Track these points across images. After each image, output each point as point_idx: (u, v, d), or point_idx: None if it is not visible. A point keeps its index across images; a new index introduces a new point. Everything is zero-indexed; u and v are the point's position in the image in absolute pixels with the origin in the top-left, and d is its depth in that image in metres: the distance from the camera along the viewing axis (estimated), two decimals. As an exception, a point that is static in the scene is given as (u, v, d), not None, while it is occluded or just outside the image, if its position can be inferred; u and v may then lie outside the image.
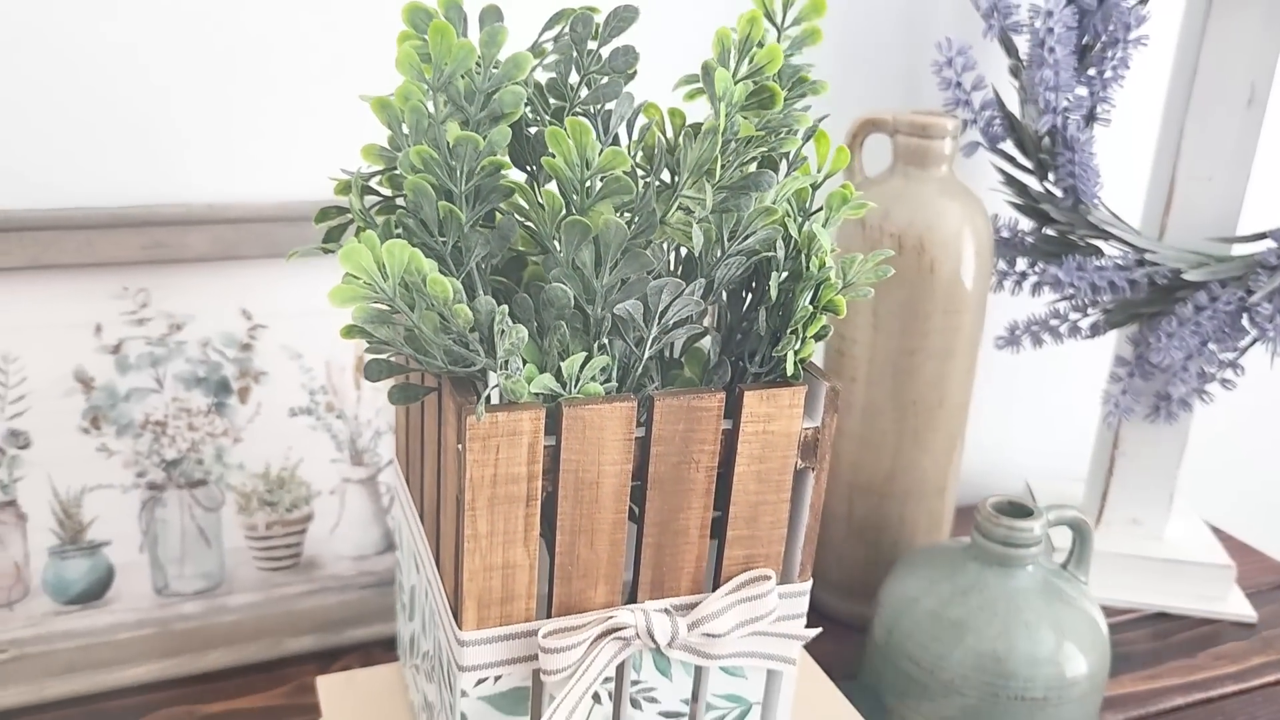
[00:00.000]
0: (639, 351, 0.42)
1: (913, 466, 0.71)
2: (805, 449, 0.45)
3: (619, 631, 0.44)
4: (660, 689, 0.47)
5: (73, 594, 0.64)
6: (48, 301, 0.60)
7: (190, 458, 0.65)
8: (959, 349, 0.69)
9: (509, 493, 0.41)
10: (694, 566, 0.45)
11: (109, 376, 0.63)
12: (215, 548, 0.67)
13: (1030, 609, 0.60)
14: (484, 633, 0.43)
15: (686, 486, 0.44)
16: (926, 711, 0.61)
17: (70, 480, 0.63)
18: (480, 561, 0.42)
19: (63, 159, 0.61)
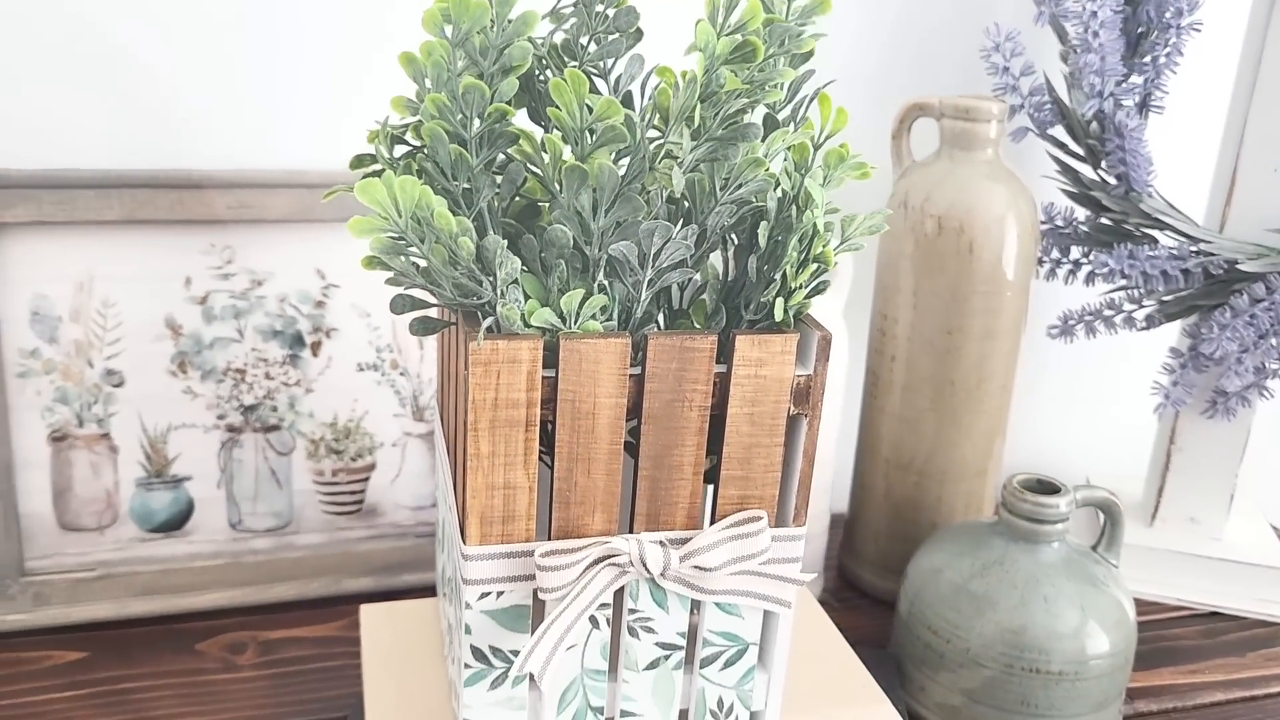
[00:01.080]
0: (636, 293, 0.45)
1: (951, 447, 0.72)
2: (798, 395, 0.47)
3: (614, 558, 0.47)
4: (657, 620, 0.50)
5: (156, 523, 0.71)
6: (143, 254, 0.67)
7: (266, 404, 0.71)
8: (1000, 331, 0.70)
9: (509, 417, 0.44)
10: (688, 503, 0.48)
11: (195, 325, 0.69)
12: (285, 489, 0.73)
13: (1051, 584, 0.61)
14: (486, 549, 0.46)
15: (680, 424, 0.46)
16: (945, 681, 0.62)
17: (158, 418, 0.69)
18: (482, 480, 0.45)
19: (158, 124, 0.67)
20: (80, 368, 0.67)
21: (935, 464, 0.73)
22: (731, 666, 0.52)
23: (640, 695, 0.51)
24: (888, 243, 0.71)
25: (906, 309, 0.71)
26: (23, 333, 0.66)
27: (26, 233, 0.65)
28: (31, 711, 0.61)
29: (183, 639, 0.68)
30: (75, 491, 0.69)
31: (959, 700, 0.62)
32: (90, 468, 0.69)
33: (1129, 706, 0.67)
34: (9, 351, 0.66)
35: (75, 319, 0.67)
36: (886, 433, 0.74)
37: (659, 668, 0.51)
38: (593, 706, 0.50)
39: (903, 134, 0.72)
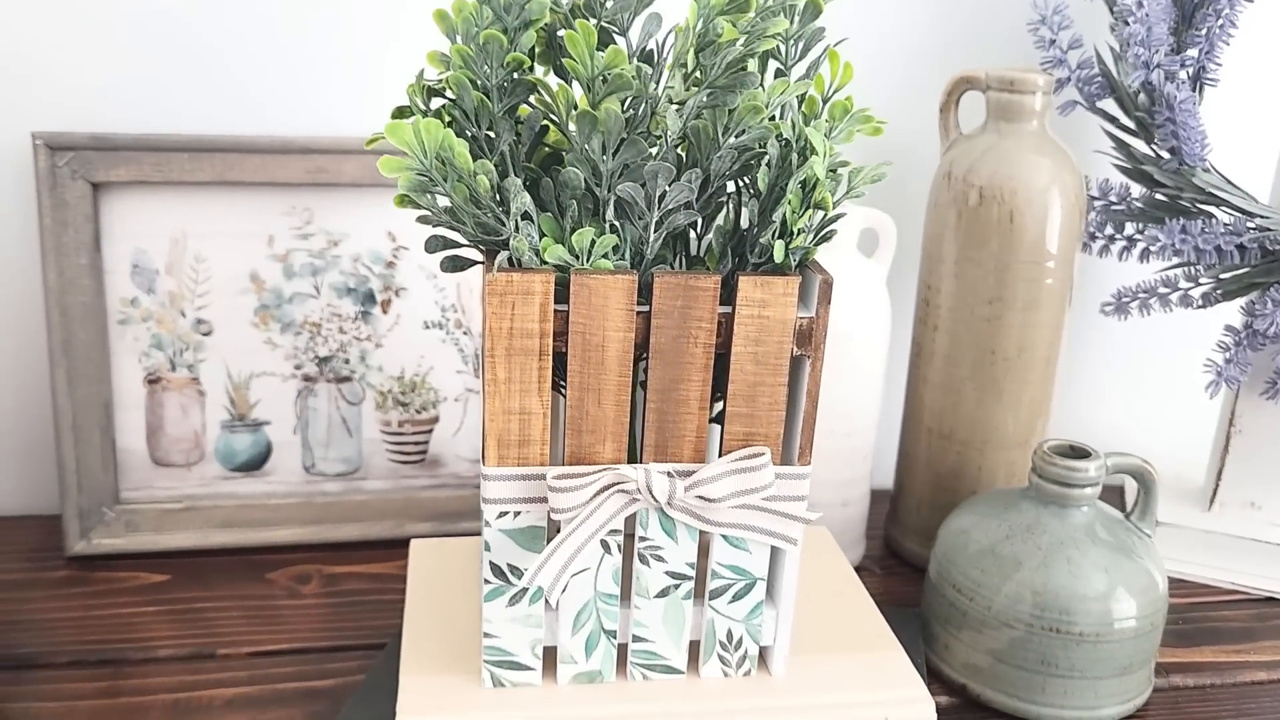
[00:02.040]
0: (646, 235, 0.48)
1: (992, 417, 0.73)
2: (800, 337, 0.50)
3: (622, 485, 0.50)
4: (666, 549, 0.53)
5: (238, 463, 0.77)
6: (230, 214, 0.73)
7: (339, 357, 0.76)
8: (1042, 302, 0.71)
9: (524, 346, 0.48)
10: (695, 437, 0.51)
11: (276, 281, 0.75)
12: (355, 437, 0.78)
13: (1076, 547, 0.62)
14: (503, 470, 0.50)
15: (686, 360, 0.49)
16: (968, 640, 0.63)
17: (241, 366, 0.75)
18: (500, 405, 0.49)
19: (244, 95, 0.74)
20: (174, 317, 0.74)
21: (976, 434, 0.74)
22: (740, 600, 0.54)
23: (651, 622, 0.54)
24: (933, 214, 0.73)
25: (949, 279, 0.72)
26: (124, 283, 0.73)
27: (128, 191, 0.71)
28: (120, 622, 0.67)
29: (255, 569, 0.74)
30: (166, 431, 0.75)
31: (981, 659, 0.63)
32: (180, 409, 0.75)
33: (1163, 679, 0.67)
34: (112, 300, 0.73)
35: (170, 272, 0.73)
36: (929, 402, 0.75)
37: (669, 596, 0.53)
38: (606, 630, 0.54)
39: (950, 107, 0.74)
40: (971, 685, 0.64)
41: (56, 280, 0.70)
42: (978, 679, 0.63)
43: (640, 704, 0.54)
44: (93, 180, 0.70)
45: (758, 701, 0.54)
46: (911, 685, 0.56)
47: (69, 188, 0.70)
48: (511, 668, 0.54)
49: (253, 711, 0.60)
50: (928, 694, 0.56)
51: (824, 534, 0.70)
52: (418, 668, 0.55)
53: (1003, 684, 0.62)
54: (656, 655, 0.55)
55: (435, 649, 0.57)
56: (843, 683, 0.56)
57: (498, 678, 0.54)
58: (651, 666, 0.55)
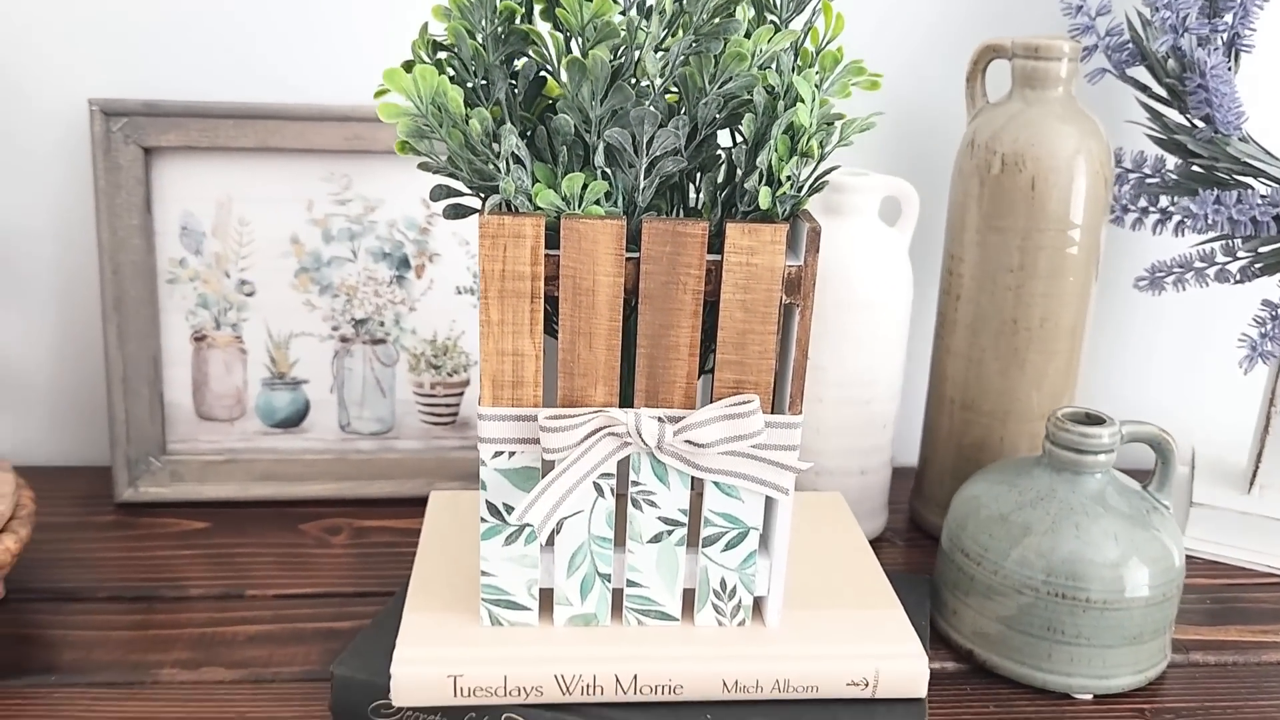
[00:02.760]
0: (636, 182, 0.49)
1: (1014, 388, 0.72)
2: (789, 285, 0.51)
3: (613, 428, 0.51)
4: (659, 494, 0.54)
5: (277, 419, 0.80)
6: (273, 179, 0.76)
7: (374, 319, 0.79)
8: (1065, 271, 0.70)
9: (516, 288, 0.50)
10: (685, 383, 0.52)
11: (315, 245, 0.78)
12: (389, 398, 0.81)
13: (1085, 513, 0.61)
14: (498, 410, 0.52)
15: (676, 306, 0.50)
16: (975, 605, 0.63)
17: (281, 326, 0.79)
18: (494, 345, 0.51)
19: (287, 63, 0.77)
20: (218, 277, 0.77)
21: (999, 405, 0.73)
22: (733, 549, 0.55)
23: (645, 567, 0.55)
24: (957, 183, 0.73)
25: (972, 248, 0.72)
26: (173, 244, 0.77)
27: (177, 156, 0.75)
28: (158, 564, 0.71)
29: (289, 520, 0.77)
30: (211, 387, 0.79)
31: (989, 625, 0.62)
32: (224, 366, 0.79)
33: (1183, 655, 0.65)
34: (161, 260, 0.77)
35: (216, 234, 0.77)
36: (952, 373, 0.75)
37: (662, 542, 0.55)
38: (600, 573, 0.55)
39: (976, 76, 0.73)
40: (979, 651, 0.63)
41: (109, 240, 0.74)
42: (985, 645, 0.63)
43: (634, 647, 0.55)
44: (144, 145, 0.74)
45: (750, 649, 0.55)
46: (906, 641, 0.56)
47: (122, 152, 0.74)
48: (509, 607, 0.55)
49: (272, 647, 0.63)
50: (922, 650, 0.56)
51: (837, 498, 0.71)
52: (422, 605, 0.57)
53: (1009, 650, 0.62)
54: (651, 601, 0.56)
55: (441, 590, 0.59)
56: (836, 635, 0.56)
57: (495, 616, 0.56)
58: (646, 612, 0.56)
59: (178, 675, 0.60)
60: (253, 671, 0.61)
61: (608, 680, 0.53)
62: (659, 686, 0.54)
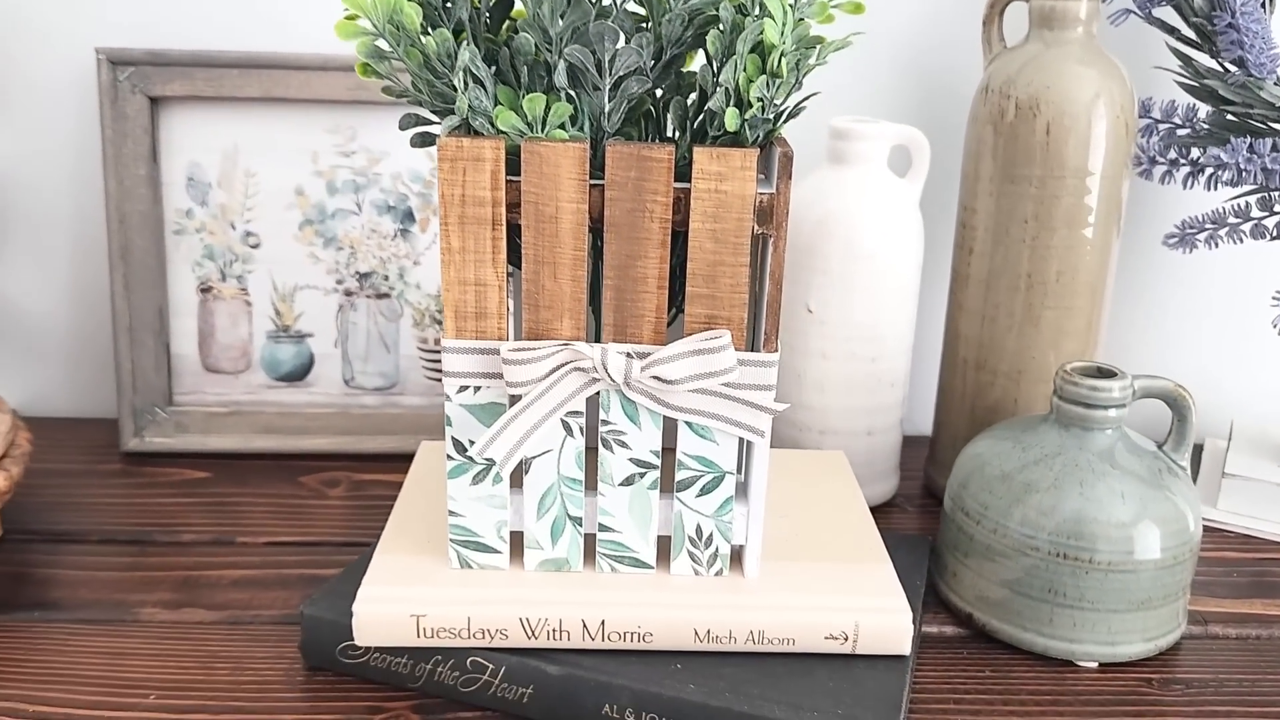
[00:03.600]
0: (600, 104, 0.48)
1: (1029, 346, 0.69)
2: (761, 214, 0.48)
3: (579, 362, 0.50)
4: (630, 435, 0.52)
5: (282, 372, 0.80)
6: (278, 130, 0.76)
7: (378, 273, 0.79)
8: (1082, 222, 0.66)
9: (476, 214, 0.48)
10: (654, 317, 0.50)
11: (320, 197, 0.77)
12: (393, 353, 0.80)
13: (1091, 470, 0.58)
14: (461, 343, 0.50)
15: (642, 235, 0.49)
16: (974, 566, 0.60)
17: (286, 279, 0.78)
18: (455, 274, 0.49)
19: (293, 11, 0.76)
20: (224, 229, 0.77)
21: (1013, 364, 0.70)
22: (708, 494, 0.53)
23: (617, 510, 0.53)
24: (971, 131, 0.70)
25: (986, 198, 0.69)
26: (180, 195, 0.77)
27: (183, 106, 0.75)
28: (155, 510, 0.71)
29: (290, 472, 0.76)
30: (217, 339, 0.79)
31: (989, 588, 0.59)
32: (230, 318, 0.79)
33: (1200, 627, 0.62)
34: (168, 211, 0.77)
35: (222, 185, 0.77)
36: (965, 331, 0.72)
37: (634, 485, 0.53)
38: (571, 515, 0.53)
39: (994, 19, 0.70)
40: (978, 615, 0.60)
41: (116, 189, 0.75)
42: (985, 608, 0.60)
43: (606, 593, 0.53)
44: (150, 94, 0.74)
45: (725, 599, 0.53)
46: (889, 594, 0.54)
47: (129, 101, 0.74)
48: (478, 549, 0.54)
49: (254, 590, 0.62)
50: (906, 604, 0.53)
51: (839, 457, 0.68)
52: (394, 548, 0.56)
53: (1010, 614, 0.59)
54: (624, 547, 0.54)
55: (417, 533, 0.58)
56: (816, 587, 0.54)
57: (464, 558, 0.54)
58: (620, 559, 0.54)
59: (158, 614, 0.60)
60: (232, 614, 0.60)
61: (574, 625, 0.52)
62: (628, 633, 0.52)
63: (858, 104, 0.77)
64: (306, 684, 0.54)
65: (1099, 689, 0.56)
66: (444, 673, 0.53)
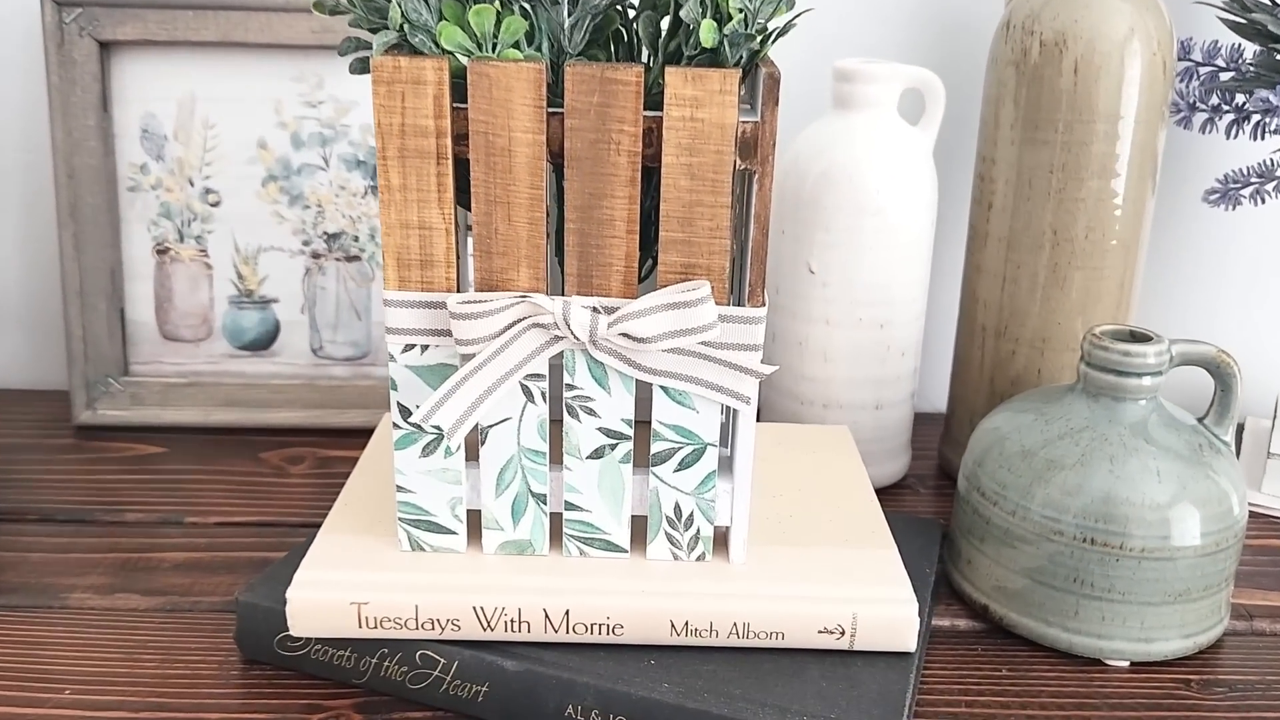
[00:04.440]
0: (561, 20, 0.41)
1: (1054, 311, 0.63)
2: (744, 146, 0.42)
3: (538, 318, 0.44)
4: (599, 402, 0.46)
5: (245, 341, 0.74)
6: (239, 77, 0.70)
7: (348, 234, 0.73)
8: (1114, 173, 0.60)
9: (419, 146, 0.42)
10: (623, 266, 0.44)
11: (284, 150, 0.72)
12: (365, 321, 0.74)
13: (1122, 445, 0.51)
14: (405, 295, 0.45)
15: (608, 171, 0.43)
16: (995, 554, 0.54)
17: (249, 239, 0.73)
18: (396, 217, 0.43)
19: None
20: (182, 185, 0.72)
21: (1036, 330, 0.63)
22: (688, 469, 0.47)
23: (586, 487, 0.47)
24: (991, 74, 0.63)
25: (1006, 147, 0.62)
26: (133, 148, 0.71)
27: (135, 52, 0.70)
28: (102, 487, 0.66)
29: (251, 448, 0.71)
30: (175, 304, 0.73)
31: (1008, 577, 0.53)
32: (189, 281, 0.73)
33: (1245, 622, 0.55)
34: (122, 165, 0.71)
35: (179, 138, 0.71)
36: (984, 295, 0.65)
37: (604, 458, 0.47)
38: (534, 493, 0.48)
39: (1017, -50, 0.63)
40: (995, 607, 0.54)
41: (64, 140, 0.69)
42: (1002, 600, 0.54)
43: (569, 578, 0.47)
44: (100, 38, 0.68)
45: (704, 586, 0.47)
46: (893, 583, 0.48)
47: (76, 45, 0.68)
48: (431, 529, 0.48)
49: (196, 574, 0.57)
50: (911, 594, 0.47)
51: (842, 432, 0.62)
52: (339, 527, 0.51)
53: (1031, 606, 0.53)
54: (594, 528, 0.48)
55: (367, 511, 0.52)
56: (810, 574, 0.48)
57: (415, 540, 0.49)
58: (589, 541, 0.48)
59: (87, 600, 0.55)
60: (169, 600, 0.55)
61: (535, 615, 0.46)
62: (595, 625, 0.46)
63: (865, 44, 0.71)
64: (241, 678, 0.49)
65: (1130, 691, 0.50)
66: (390, 668, 0.47)
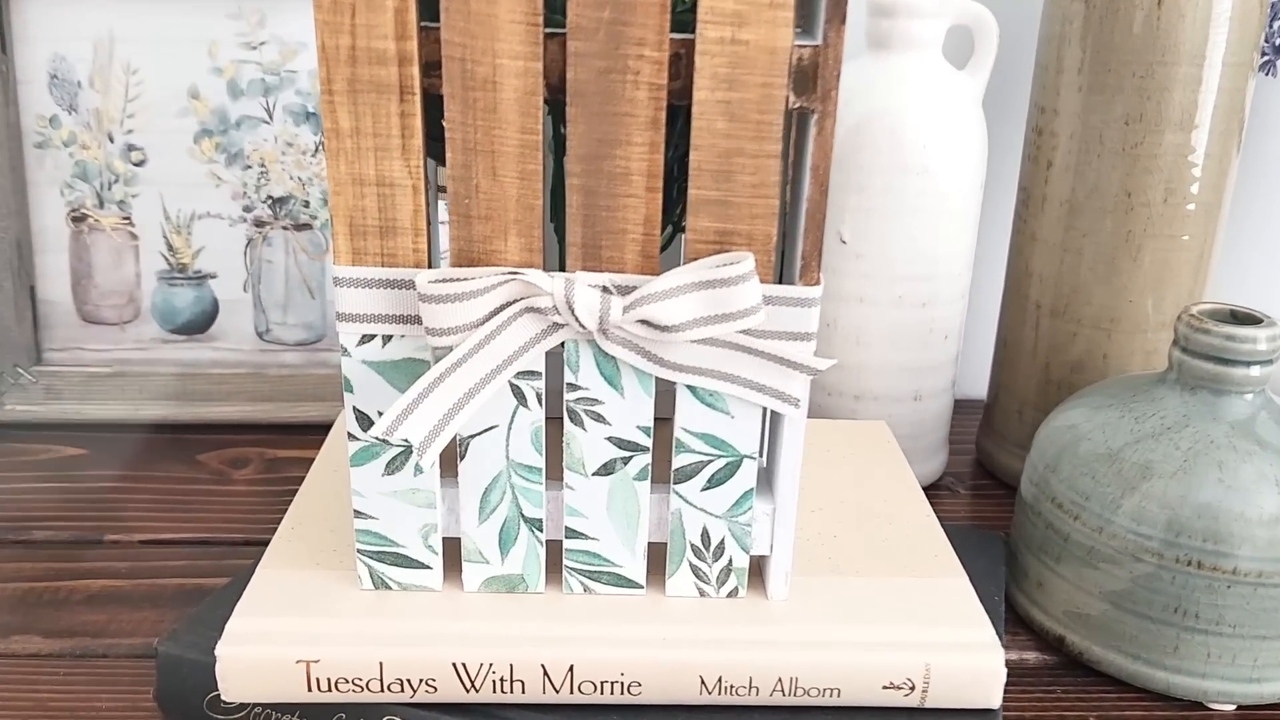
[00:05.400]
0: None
1: (1126, 287, 0.54)
2: (799, 77, 0.33)
3: (533, 299, 0.34)
4: (609, 405, 0.36)
5: (179, 323, 0.64)
6: (165, 14, 0.60)
7: (296, 198, 0.63)
8: (1198, 124, 0.51)
9: (376, 78, 0.33)
10: (641, 233, 0.34)
11: (220, 100, 0.61)
12: (319, 300, 0.64)
13: (1233, 448, 0.43)
14: (361, 271, 0.35)
15: (623, 109, 0.33)
16: (1070, 574, 0.45)
17: (180, 204, 0.63)
18: (347, 170, 0.34)
19: None
20: (100, 141, 0.61)
21: (1103, 309, 0.55)
22: (719, 486, 0.38)
23: (591, 510, 0.38)
24: (1051, 9, 0.54)
25: (1071, 96, 0.53)
26: (41, 97, 0.61)
27: (40, -18, 0.59)
28: (8, 500, 0.56)
29: (187, 449, 0.61)
30: (95, 281, 0.63)
31: (1089, 603, 0.45)
32: (111, 254, 0.63)
33: (1359, 651, 0.47)
34: (27, 117, 0.61)
35: (95, 85, 0.61)
36: (1039, 268, 0.56)
37: (615, 474, 0.37)
38: (527, 517, 0.38)
39: None
40: (1073, 639, 0.46)
41: (-44, 89, 0.59)
42: (1082, 630, 0.45)
43: (577, 625, 0.38)
44: (-5, -34, 0.58)
45: (744, 632, 0.38)
46: (970, 624, 0.39)
47: (-33, -26, 0.58)
48: (397, 563, 0.39)
49: (114, 609, 0.47)
50: (995, 638, 0.38)
51: (880, 428, 0.53)
52: (283, 558, 0.41)
53: (1117, 639, 0.44)
54: (602, 559, 0.39)
55: (319, 537, 0.42)
56: (868, 613, 0.39)
57: (379, 576, 0.39)
58: (595, 575, 0.39)
59: (-23, 644, 0.45)
60: (78, 643, 0.45)
61: (530, 672, 0.37)
62: (606, 683, 0.37)
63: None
64: (162, 748, 0.39)
65: (1246, 745, 0.42)
66: (349, 737, 0.38)
